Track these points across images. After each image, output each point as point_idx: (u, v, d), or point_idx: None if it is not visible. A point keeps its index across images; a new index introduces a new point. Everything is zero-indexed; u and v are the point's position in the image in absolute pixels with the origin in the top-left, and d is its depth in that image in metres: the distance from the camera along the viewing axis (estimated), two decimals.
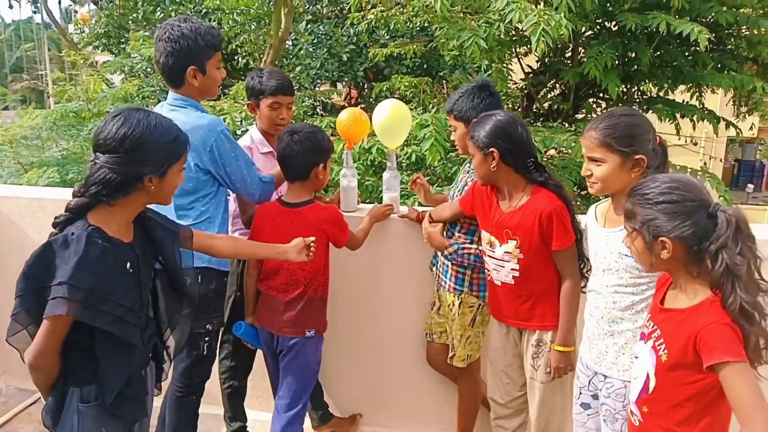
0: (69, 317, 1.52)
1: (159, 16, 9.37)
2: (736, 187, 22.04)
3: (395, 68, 7.71)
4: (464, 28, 4.17)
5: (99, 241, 1.54)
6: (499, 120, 2.14)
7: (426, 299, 2.69)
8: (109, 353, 1.61)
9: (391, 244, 2.81)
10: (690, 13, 4.32)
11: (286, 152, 2.30)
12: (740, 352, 1.37)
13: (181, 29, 2.16)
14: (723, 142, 15.03)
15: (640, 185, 1.54)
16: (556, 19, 3.67)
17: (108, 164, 1.56)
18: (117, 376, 1.63)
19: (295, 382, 2.38)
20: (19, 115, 7.20)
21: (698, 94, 5.45)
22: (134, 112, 1.62)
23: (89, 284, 1.51)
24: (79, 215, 1.59)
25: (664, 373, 1.52)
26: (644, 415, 1.60)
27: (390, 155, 2.83)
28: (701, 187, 1.49)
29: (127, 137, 1.57)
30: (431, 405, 2.92)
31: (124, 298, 1.59)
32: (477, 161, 2.19)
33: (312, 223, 2.30)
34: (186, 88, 2.24)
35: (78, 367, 1.62)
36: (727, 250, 1.39)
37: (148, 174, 1.61)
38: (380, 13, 5.55)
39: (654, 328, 1.57)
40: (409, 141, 4.62)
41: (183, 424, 2.39)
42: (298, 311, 2.33)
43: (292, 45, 8.57)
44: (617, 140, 1.80)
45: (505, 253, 2.18)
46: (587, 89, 5.42)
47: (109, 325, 1.57)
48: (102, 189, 1.57)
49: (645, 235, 1.49)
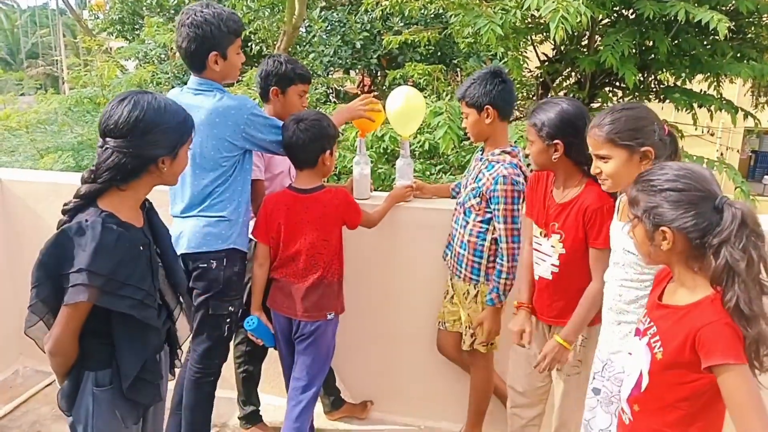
0: (89, 303, 1.52)
1: (173, 2, 9.38)
2: (752, 179, 21.76)
3: (409, 56, 7.68)
4: (480, 14, 4.13)
5: (114, 227, 1.54)
6: (566, 111, 2.05)
7: (438, 287, 2.68)
8: (126, 338, 1.62)
9: (404, 232, 2.81)
10: (709, 1, 4.25)
11: (292, 140, 2.30)
12: (740, 355, 1.31)
13: (204, 15, 2.18)
14: (740, 133, 14.81)
15: (647, 172, 1.48)
16: (575, 6, 3.63)
17: (121, 148, 1.56)
18: (133, 360, 1.64)
19: (315, 365, 2.44)
20: (37, 100, 7.24)
21: (716, 83, 5.36)
22: (142, 95, 1.61)
23: (108, 269, 1.51)
24: (90, 201, 1.59)
25: (658, 371, 1.46)
26: (635, 413, 1.56)
27: (403, 143, 2.82)
28: (710, 178, 1.41)
29: (140, 120, 1.57)
30: (443, 393, 2.93)
31: (142, 281, 1.60)
32: (537, 150, 2.10)
33: (327, 207, 2.34)
34: (207, 73, 2.26)
35: (93, 352, 1.63)
36: (729, 245, 1.32)
37: (162, 156, 1.62)
38: (394, 1, 5.51)
39: (650, 324, 1.52)
40: (422, 129, 4.60)
41: (201, 405, 2.43)
42: (319, 295, 2.37)
43: (306, 32, 8.55)
44: (621, 135, 1.76)
45: (550, 247, 2.15)
46: (603, 78, 5.35)
47: (130, 309, 1.57)
48: (116, 174, 1.57)
49: (646, 223, 1.43)
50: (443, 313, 2.64)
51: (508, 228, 2.31)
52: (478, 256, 2.41)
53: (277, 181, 2.62)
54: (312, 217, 2.33)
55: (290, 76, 2.58)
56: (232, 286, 2.33)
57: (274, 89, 2.61)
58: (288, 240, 2.36)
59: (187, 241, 2.28)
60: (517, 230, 2.32)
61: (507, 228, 2.31)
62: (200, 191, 2.27)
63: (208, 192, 2.27)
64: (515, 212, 2.30)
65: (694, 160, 4.25)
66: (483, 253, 2.40)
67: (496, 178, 2.30)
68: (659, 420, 1.49)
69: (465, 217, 2.45)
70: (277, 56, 2.65)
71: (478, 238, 2.40)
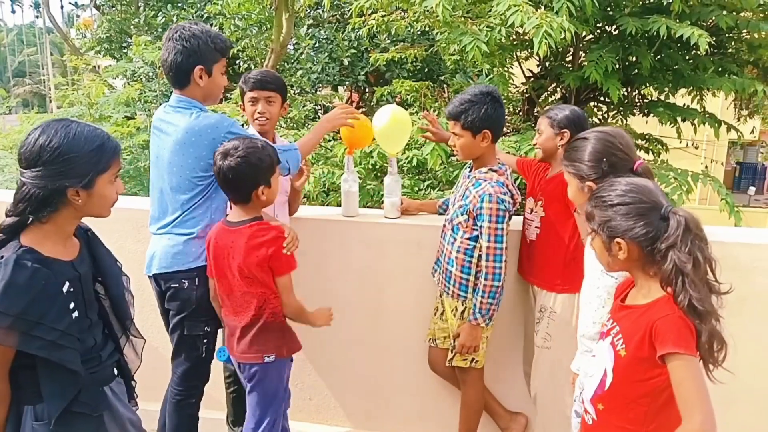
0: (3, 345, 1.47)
1: (161, 21, 9.41)
2: (738, 190, 22.03)
3: (396, 72, 7.73)
4: (465, 32, 4.17)
5: (28, 264, 1.48)
6: (577, 111, 2.46)
7: (428, 304, 2.69)
8: (47, 376, 1.56)
9: (393, 248, 2.82)
10: (690, 17, 4.31)
11: (219, 178, 2.12)
12: (691, 346, 1.42)
13: (192, 30, 2.22)
14: (724, 145, 15.02)
15: (599, 189, 1.62)
16: (558, 22, 3.67)
17: (30, 179, 1.50)
18: (57, 398, 1.57)
19: (258, 407, 2.29)
20: (20, 120, 7.20)
21: (699, 97, 5.44)
22: (54, 123, 1.54)
23: (17, 309, 1.45)
24: (13, 235, 1.53)
25: (621, 368, 1.55)
26: (599, 412, 1.63)
27: (391, 160, 2.83)
28: (656, 190, 1.55)
29: (45, 149, 1.49)
30: (434, 410, 2.92)
31: (57, 321, 1.52)
32: (546, 137, 2.49)
33: (251, 241, 2.11)
34: (191, 89, 2.25)
35: (28, 385, 1.57)
36: (675, 249, 1.45)
37: (71, 186, 1.52)
38: (381, 19, 5.55)
39: (613, 324, 1.62)
40: (410, 145, 4.62)
41: (183, 427, 2.39)
42: (253, 336, 2.19)
43: (294, 49, 8.59)
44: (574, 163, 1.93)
45: (535, 213, 2.51)
46: (588, 93, 5.41)
47: (41, 350, 1.50)
48: (28, 206, 1.51)
49: (602, 235, 1.57)
50: (433, 330, 2.64)
51: (491, 246, 2.33)
52: (465, 273, 2.42)
53: None
54: (236, 252, 2.12)
55: (241, 88, 2.60)
56: (204, 306, 2.29)
57: (241, 105, 2.64)
58: (219, 275, 2.21)
59: (158, 261, 2.27)
60: (500, 249, 2.34)
61: (490, 246, 2.33)
62: (175, 209, 2.25)
63: (183, 210, 2.25)
64: (499, 231, 2.32)
65: (678, 173, 4.28)
66: (471, 269, 2.41)
67: (482, 195, 2.32)
68: (622, 417, 1.57)
69: (453, 233, 2.46)
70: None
71: (465, 255, 2.41)
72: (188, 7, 9.37)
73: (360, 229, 2.85)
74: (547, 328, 2.47)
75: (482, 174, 2.40)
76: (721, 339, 1.45)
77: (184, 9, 9.41)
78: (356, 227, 2.85)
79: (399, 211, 2.83)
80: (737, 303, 2.35)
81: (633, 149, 1.91)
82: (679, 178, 4.17)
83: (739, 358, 1.55)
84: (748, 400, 2.53)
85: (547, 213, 2.46)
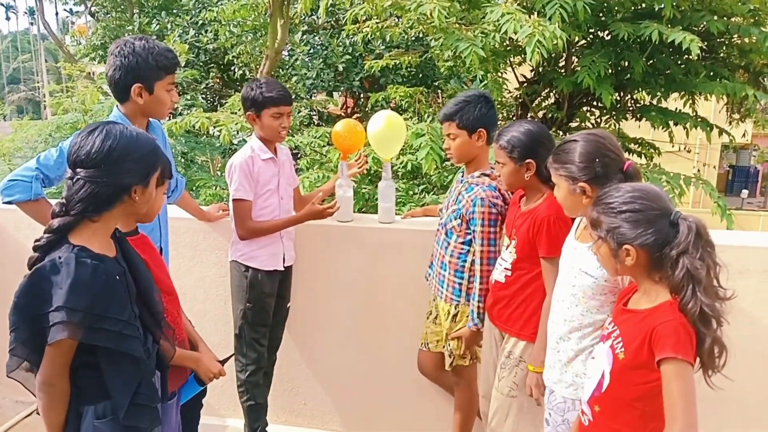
0: (71, 341, 1.52)
1: (155, 28, 9.41)
2: (731, 193, 22.12)
3: (391, 78, 7.75)
4: (461, 38, 4.20)
5: (88, 261, 1.53)
6: (532, 131, 2.18)
7: (422, 308, 2.70)
8: (113, 369, 1.61)
9: (387, 253, 2.83)
10: (682, 22, 4.36)
11: None
12: (688, 353, 1.42)
13: (134, 46, 2.18)
14: (717, 148, 15.09)
15: (604, 194, 1.59)
16: (551, 30, 3.70)
17: (94, 178, 1.56)
18: (124, 389, 1.63)
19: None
20: (13, 127, 7.18)
21: (691, 101, 5.48)
22: (113, 125, 1.63)
23: (85, 304, 1.51)
24: (62, 236, 1.58)
25: (619, 371, 1.56)
26: (595, 414, 1.64)
27: (385, 165, 2.85)
28: (663, 196, 1.54)
29: (114, 149, 1.57)
30: (429, 414, 2.93)
31: (120, 312, 1.59)
32: (509, 171, 2.20)
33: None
34: (130, 105, 2.24)
35: (89, 386, 1.62)
36: (687, 256, 1.44)
37: (135, 184, 1.63)
38: (376, 25, 5.58)
39: (614, 328, 1.62)
40: (405, 150, 4.65)
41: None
42: None
43: (288, 55, 8.62)
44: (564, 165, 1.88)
45: (508, 253, 2.24)
46: (581, 98, 5.46)
47: (109, 341, 1.57)
48: (89, 205, 1.56)
49: (610, 242, 1.55)
50: (426, 334, 2.65)
51: (484, 250, 2.35)
52: (459, 277, 2.43)
53: (266, 198, 2.62)
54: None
55: (259, 100, 2.58)
56: None
57: (249, 114, 2.62)
58: None
59: None
60: (493, 253, 2.35)
61: (483, 250, 2.35)
62: None
63: None
64: (491, 234, 2.34)
65: (671, 176, 4.32)
66: (464, 273, 2.42)
67: (474, 200, 2.33)
68: (618, 419, 1.58)
69: (446, 238, 2.47)
70: (254, 81, 2.65)
71: (458, 259, 2.42)
72: (183, 14, 9.37)
73: (354, 233, 2.86)
74: (514, 378, 2.24)
75: (474, 178, 2.42)
76: (722, 345, 1.46)
77: (179, 16, 9.42)
78: (351, 232, 2.86)
79: (393, 216, 2.84)
80: (728, 305, 2.36)
81: (621, 150, 1.91)
82: (671, 181, 4.21)
83: (730, 361, 1.56)
84: (737, 402, 2.54)
85: (519, 256, 2.19)
